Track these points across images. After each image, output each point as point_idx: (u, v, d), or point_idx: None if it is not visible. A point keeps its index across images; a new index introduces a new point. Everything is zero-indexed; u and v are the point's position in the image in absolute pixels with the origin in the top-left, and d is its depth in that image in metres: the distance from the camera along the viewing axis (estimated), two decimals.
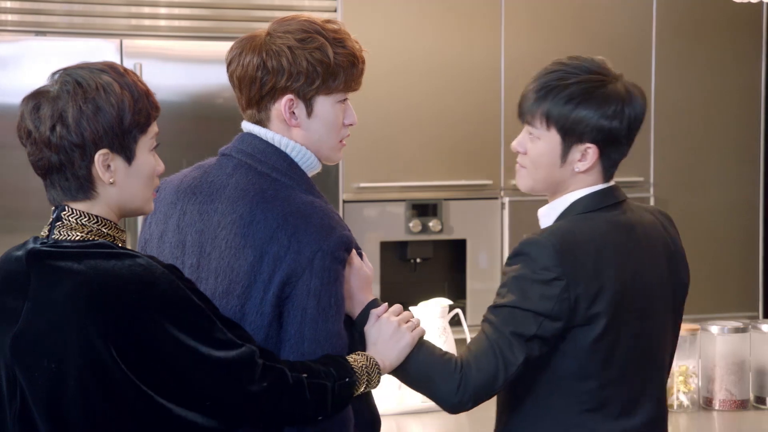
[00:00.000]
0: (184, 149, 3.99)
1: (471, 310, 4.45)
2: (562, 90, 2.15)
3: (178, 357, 1.72)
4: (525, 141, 2.21)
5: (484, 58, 4.46)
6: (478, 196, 4.49)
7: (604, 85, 2.16)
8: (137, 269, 1.72)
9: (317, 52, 1.96)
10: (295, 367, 1.82)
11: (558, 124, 2.14)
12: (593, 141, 2.12)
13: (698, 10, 4.69)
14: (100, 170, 1.77)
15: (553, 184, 2.18)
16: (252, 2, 4.26)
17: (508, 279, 2.12)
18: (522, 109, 2.22)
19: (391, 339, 1.99)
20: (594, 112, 2.12)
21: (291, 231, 1.89)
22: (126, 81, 1.79)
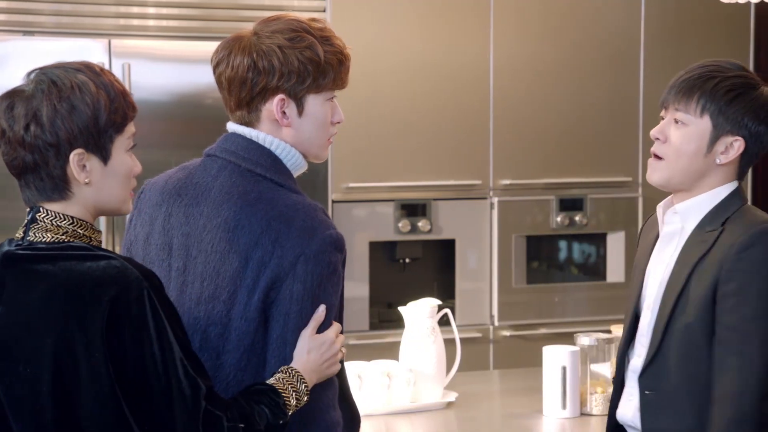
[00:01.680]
0: (172, 149, 3.98)
1: (460, 310, 4.45)
2: (723, 81, 2.19)
3: (141, 362, 1.70)
4: (667, 128, 2.24)
5: (473, 58, 4.46)
6: (467, 196, 4.49)
7: (758, 85, 2.22)
8: (111, 271, 1.70)
9: (307, 50, 1.96)
10: (233, 415, 1.77)
11: (713, 112, 2.18)
12: (742, 135, 2.18)
13: (686, 10, 4.70)
14: (75, 170, 1.75)
15: (692, 176, 2.22)
16: (241, 2, 4.25)
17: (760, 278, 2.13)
18: (670, 96, 2.24)
19: (323, 363, 1.91)
20: (750, 108, 2.18)
21: (274, 236, 1.88)
22: (102, 80, 1.77)
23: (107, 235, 3.93)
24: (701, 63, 2.25)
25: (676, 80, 2.24)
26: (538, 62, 4.54)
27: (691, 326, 2.18)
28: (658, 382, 2.22)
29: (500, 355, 4.51)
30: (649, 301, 2.28)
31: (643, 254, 2.34)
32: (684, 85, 2.21)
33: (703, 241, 2.21)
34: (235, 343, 1.90)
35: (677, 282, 2.21)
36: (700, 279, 2.18)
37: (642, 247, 2.37)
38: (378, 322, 4.36)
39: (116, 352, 1.69)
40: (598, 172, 4.63)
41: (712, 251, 2.18)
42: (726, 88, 2.18)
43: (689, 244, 2.23)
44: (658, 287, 2.26)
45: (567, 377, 3.00)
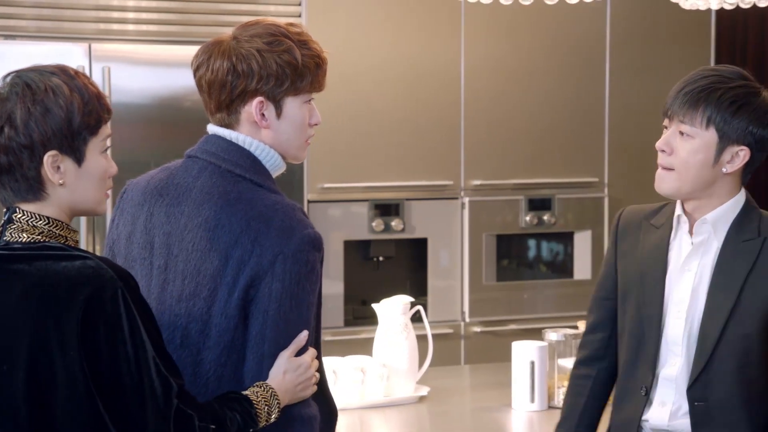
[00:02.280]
0: (151, 151, 3.97)
1: (432, 307, 4.45)
2: (727, 92, 2.16)
3: (115, 360, 1.69)
4: (672, 140, 2.21)
5: (444, 62, 4.47)
6: (439, 196, 4.49)
7: (759, 92, 2.19)
8: (86, 271, 1.69)
9: (286, 54, 1.95)
10: (205, 416, 1.76)
11: (718, 125, 2.16)
12: (747, 144, 2.17)
13: (650, 16, 4.72)
14: (49, 171, 1.74)
15: (700, 186, 2.20)
16: (218, 7, 4.24)
17: None
18: (673, 109, 2.21)
19: (297, 386, 1.91)
20: (754, 116, 2.16)
21: (254, 235, 1.88)
22: (76, 83, 1.76)
23: (88, 235, 3.90)
24: (702, 73, 2.21)
25: (678, 91, 2.21)
26: (508, 66, 4.55)
27: (749, 336, 2.17)
28: (709, 392, 2.18)
29: (471, 351, 4.52)
30: (678, 309, 2.22)
31: (650, 259, 2.26)
32: (688, 98, 2.18)
33: (747, 251, 2.19)
34: (215, 339, 1.89)
35: (728, 292, 2.17)
36: (755, 289, 2.17)
37: (643, 250, 2.29)
38: (352, 318, 4.36)
39: (91, 351, 1.68)
40: (565, 173, 4.64)
41: (760, 261, 2.18)
42: (730, 99, 2.16)
43: (728, 253, 2.20)
44: (690, 295, 2.21)
45: (535, 371, 3.01)
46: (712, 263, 2.21)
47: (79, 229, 3.88)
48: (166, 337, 1.92)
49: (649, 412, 2.23)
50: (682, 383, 2.21)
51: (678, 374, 2.21)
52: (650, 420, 2.23)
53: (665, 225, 2.27)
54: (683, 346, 2.21)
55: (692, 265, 2.22)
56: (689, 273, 2.22)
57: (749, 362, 2.18)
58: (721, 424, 2.18)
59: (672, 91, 2.22)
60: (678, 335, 2.21)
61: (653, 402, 2.24)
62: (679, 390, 2.21)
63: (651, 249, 2.27)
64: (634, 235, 2.31)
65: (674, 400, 2.22)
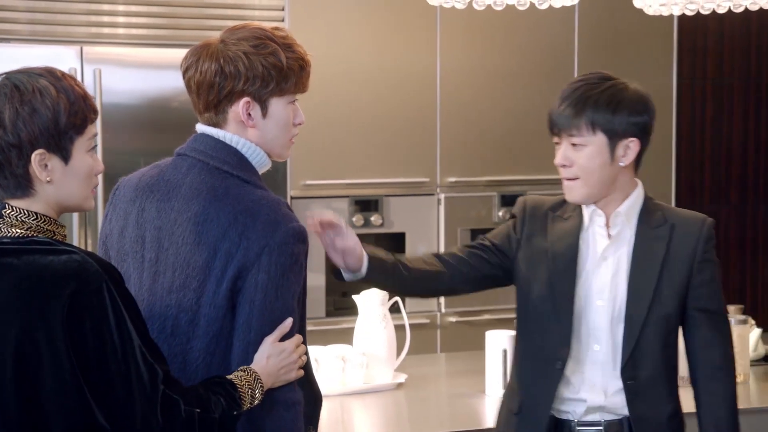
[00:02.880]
0: (141, 150, 3.96)
1: (409, 299, 4.45)
2: (600, 96, 2.24)
3: (101, 350, 1.69)
4: (568, 153, 2.28)
5: (421, 65, 4.48)
6: (416, 192, 4.50)
7: (627, 87, 2.27)
8: (72, 264, 1.69)
9: (271, 56, 1.96)
10: (190, 400, 1.77)
11: (603, 126, 2.23)
12: (633, 135, 2.25)
13: (615, 22, 4.74)
14: (36, 169, 1.74)
15: (607, 184, 2.28)
16: (205, 12, 4.23)
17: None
18: (559, 126, 2.27)
19: (280, 370, 1.91)
20: (631, 109, 2.25)
21: (241, 229, 1.89)
22: (63, 85, 1.76)
23: (79, 230, 3.89)
24: (573, 86, 2.28)
25: (557, 107, 2.27)
26: (481, 70, 4.57)
27: (669, 317, 2.28)
28: (638, 371, 2.27)
29: (447, 340, 4.53)
30: (600, 297, 2.29)
31: (562, 246, 2.31)
32: (568, 112, 2.25)
33: (659, 237, 2.29)
34: (204, 328, 1.90)
35: (647, 277, 2.27)
36: (671, 271, 2.28)
37: (552, 236, 2.33)
38: (334, 309, 4.36)
39: (77, 341, 1.68)
40: (535, 170, 4.66)
41: (673, 245, 2.28)
42: (606, 100, 2.24)
43: (643, 241, 2.29)
44: (610, 283, 2.29)
45: (508, 359, 3.02)
46: (628, 252, 2.29)
47: (71, 225, 3.87)
48: (158, 327, 1.93)
49: (582, 393, 2.30)
50: (608, 365, 2.29)
51: (604, 357, 2.29)
52: (588, 401, 2.30)
53: (573, 217, 2.33)
54: (606, 331, 2.28)
55: (609, 255, 2.30)
56: (607, 263, 2.30)
57: (669, 341, 2.30)
58: (650, 398, 2.28)
59: (552, 109, 2.29)
60: (601, 321, 2.29)
61: (584, 384, 2.30)
62: (606, 371, 2.29)
63: (561, 236, 2.33)
64: (541, 222, 2.37)
65: (603, 381, 2.29)
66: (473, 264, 2.38)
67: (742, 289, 5.31)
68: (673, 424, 2.32)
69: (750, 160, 5.35)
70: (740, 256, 5.31)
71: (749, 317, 3.31)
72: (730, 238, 5.30)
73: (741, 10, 3.28)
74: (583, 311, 2.30)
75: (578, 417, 2.31)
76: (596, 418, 2.30)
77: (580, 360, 2.30)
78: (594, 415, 2.31)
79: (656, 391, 2.30)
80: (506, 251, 2.38)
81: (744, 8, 3.27)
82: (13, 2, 4.00)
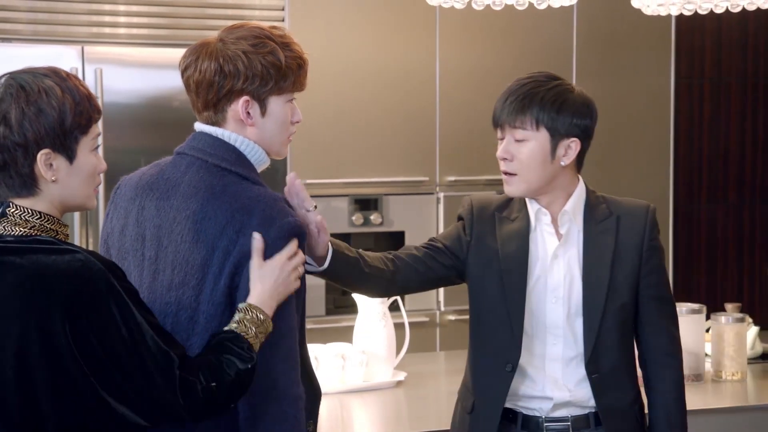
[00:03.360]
0: (141, 149, 3.96)
1: (409, 297, 4.44)
2: (546, 93, 2.27)
3: (111, 346, 1.69)
4: (510, 147, 2.31)
5: (420, 64, 4.47)
6: (416, 191, 4.50)
7: (573, 89, 2.31)
8: (75, 264, 1.70)
9: (270, 55, 1.96)
10: (205, 376, 1.76)
11: (547, 124, 2.26)
12: (575, 135, 2.28)
13: (614, 21, 4.74)
14: (42, 169, 1.74)
15: (546, 181, 2.29)
16: (206, 12, 4.23)
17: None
18: (503, 119, 2.31)
19: (277, 288, 1.88)
20: (576, 109, 2.28)
21: (238, 227, 1.89)
22: (68, 85, 1.76)
23: (81, 229, 3.89)
24: (521, 82, 2.31)
25: (503, 102, 2.31)
26: (481, 68, 4.57)
27: (625, 306, 2.31)
28: (600, 364, 2.29)
29: (446, 338, 4.53)
30: (555, 295, 2.30)
31: (511, 248, 2.31)
32: (514, 106, 2.28)
33: (606, 230, 2.32)
34: (203, 325, 1.90)
35: (601, 270, 2.29)
36: (622, 263, 2.31)
37: (501, 238, 2.34)
38: (333, 308, 4.36)
39: (83, 340, 1.68)
40: None
41: (621, 237, 2.32)
42: (552, 99, 2.27)
43: (591, 236, 2.31)
44: (563, 281, 2.30)
45: None
46: (578, 248, 2.31)
47: (73, 224, 3.87)
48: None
49: (547, 390, 2.32)
50: (569, 360, 2.31)
51: (564, 353, 2.31)
52: (554, 398, 2.31)
53: (520, 218, 2.35)
54: (564, 328, 2.30)
55: (560, 254, 2.31)
56: (558, 261, 2.31)
57: (626, 331, 2.33)
58: (614, 388, 2.31)
59: (497, 103, 2.33)
60: (558, 318, 2.30)
61: (546, 381, 2.31)
62: (567, 366, 2.31)
63: (511, 238, 2.33)
64: (489, 223, 2.38)
65: (564, 376, 2.31)
66: (429, 265, 2.38)
67: (740, 288, 5.31)
68: (635, 409, 2.36)
69: (747, 159, 5.35)
70: (737, 254, 5.31)
71: (746, 315, 3.31)
72: (727, 236, 5.29)
73: (738, 10, 3.28)
74: (538, 311, 2.31)
75: (546, 413, 2.32)
76: (564, 414, 2.32)
77: (541, 358, 2.32)
78: (561, 411, 2.33)
79: (620, 381, 2.33)
80: (457, 253, 2.38)
81: (741, 8, 3.26)
82: (14, 2, 4.00)
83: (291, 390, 1.92)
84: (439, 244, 2.40)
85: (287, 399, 1.90)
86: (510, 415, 2.34)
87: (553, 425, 2.32)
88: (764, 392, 3.24)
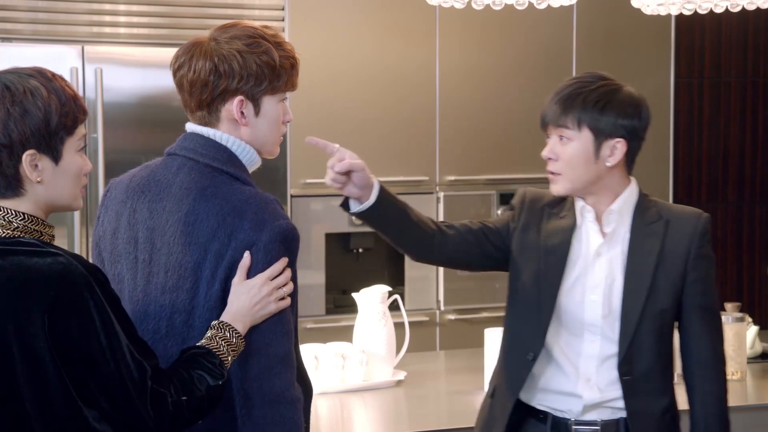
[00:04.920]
0: (142, 149, 3.95)
1: (409, 296, 4.45)
2: (589, 94, 2.26)
3: (87, 351, 1.68)
4: (555, 147, 2.30)
5: (420, 65, 4.47)
6: (416, 190, 4.49)
7: (620, 89, 2.29)
8: (57, 267, 1.68)
9: (264, 55, 1.95)
10: (176, 389, 1.75)
11: (590, 124, 2.25)
12: (621, 136, 2.26)
13: (614, 21, 4.73)
14: (27, 170, 1.73)
15: (590, 181, 2.29)
16: (205, 12, 4.22)
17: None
18: (548, 120, 2.30)
19: (253, 307, 1.85)
20: (620, 110, 2.26)
21: (230, 230, 1.87)
22: (53, 86, 1.74)
23: (81, 228, 3.88)
24: (566, 83, 2.31)
25: (549, 103, 2.30)
26: (480, 68, 4.56)
27: (665, 312, 2.29)
28: (633, 367, 2.28)
29: (446, 337, 4.53)
30: (595, 293, 2.29)
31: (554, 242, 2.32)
32: (558, 106, 2.27)
33: (654, 234, 2.30)
34: (198, 329, 1.88)
35: (643, 272, 2.28)
36: (667, 268, 2.29)
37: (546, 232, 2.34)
38: (333, 307, 4.35)
39: (62, 342, 1.66)
40: (534, 168, 4.64)
41: (668, 242, 2.29)
42: (594, 100, 2.25)
43: (638, 238, 2.29)
44: (605, 280, 2.29)
45: None
46: (623, 249, 2.30)
47: (73, 224, 3.86)
48: (152, 328, 1.92)
49: (579, 388, 2.30)
50: (602, 359, 2.29)
51: (599, 351, 2.29)
52: (584, 397, 2.30)
53: (568, 216, 2.34)
54: (602, 326, 2.29)
55: (603, 252, 2.30)
56: (601, 259, 2.30)
57: (663, 336, 2.30)
58: (645, 393, 2.29)
59: (545, 105, 2.31)
60: (596, 316, 2.29)
61: (579, 378, 2.30)
62: (600, 365, 2.29)
63: (555, 233, 2.33)
64: (537, 216, 2.37)
65: (597, 375, 2.29)
66: (480, 240, 2.38)
67: (739, 287, 5.30)
68: (667, 419, 2.32)
69: (747, 158, 5.34)
70: (737, 253, 5.30)
71: (746, 315, 3.30)
72: (727, 235, 5.29)
73: (738, 9, 3.27)
74: (576, 307, 2.30)
75: (575, 416, 2.30)
76: (593, 418, 2.30)
77: (576, 354, 2.31)
78: (591, 414, 2.30)
79: (651, 386, 2.30)
80: (505, 239, 2.38)
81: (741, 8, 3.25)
82: (14, 2, 3.99)
83: (289, 393, 1.90)
84: (491, 224, 2.41)
85: (285, 402, 1.89)
86: (540, 416, 2.33)
87: (581, 428, 2.30)
88: (764, 392, 3.23)
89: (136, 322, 1.91)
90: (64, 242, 3.80)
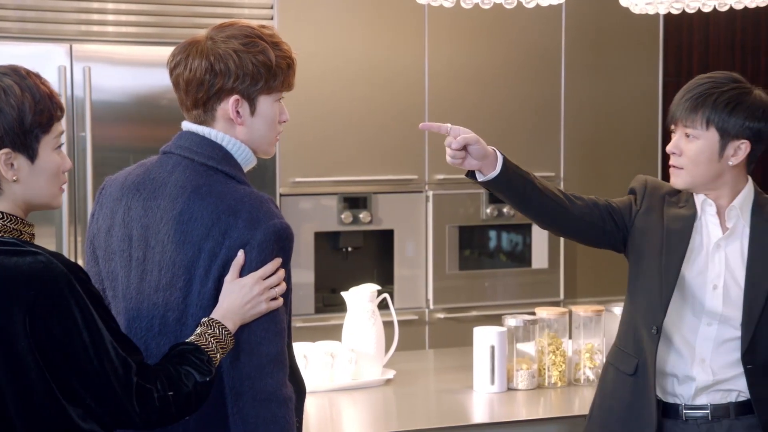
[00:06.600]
0: (130, 147, 3.94)
1: (398, 295, 4.45)
2: (720, 95, 2.34)
3: (70, 350, 1.68)
4: (680, 143, 2.39)
5: (409, 63, 4.47)
6: (405, 189, 4.49)
7: (751, 92, 2.37)
8: (37, 266, 1.68)
9: (261, 55, 1.95)
10: (162, 384, 1.75)
11: (717, 124, 2.33)
12: (746, 138, 2.34)
13: (602, 20, 4.74)
14: (2, 169, 1.73)
15: (711, 178, 2.38)
16: (194, 10, 4.21)
17: None
18: (678, 115, 2.38)
19: (243, 306, 1.86)
20: (749, 113, 2.34)
21: (224, 228, 1.87)
22: (27, 83, 1.74)
23: (69, 227, 3.87)
24: (698, 81, 2.38)
25: (680, 99, 2.38)
26: (469, 68, 4.56)
27: None
28: (755, 356, 2.37)
29: (435, 336, 4.53)
30: (715, 282, 2.38)
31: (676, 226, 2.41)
32: (688, 105, 2.35)
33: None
34: (191, 327, 1.89)
35: (764, 265, 2.37)
36: None
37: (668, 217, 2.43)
38: (323, 306, 4.35)
39: (44, 342, 1.66)
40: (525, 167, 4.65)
41: None
42: (725, 102, 2.33)
43: (759, 232, 2.40)
44: (725, 270, 2.39)
45: (495, 355, 3.02)
46: (742, 242, 2.40)
47: (61, 222, 3.84)
48: (145, 325, 1.92)
49: (694, 370, 2.39)
50: (721, 342, 2.38)
51: (716, 334, 2.38)
52: (698, 379, 2.38)
53: (688, 206, 2.44)
54: (721, 315, 2.38)
55: (722, 245, 2.40)
56: (720, 251, 2.40)
57: None
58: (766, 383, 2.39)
59: (674, 100, 2.40)
60: (716, 306, 2.39)
61: (694, 359, 2.38)
62: (718, 348, 2.38)
63: (677, 219, 2.43)
64: (658, 202, 2.47)
65: (712, 358, 2.38)
66: (604, 215, 2.47)
67: None
68: None
69: None
70: None
71: None
72: None
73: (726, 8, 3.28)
74: (695, 297, 2.39)
75: (686, 400, 2.39)
76: (704, 402, 2.39)
77: (693, 335, 2.39)
78: (701, 398, 2.39)
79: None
80: (626, 220, 2.48)
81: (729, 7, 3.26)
82: (2, 0, 3.97)
83: (281, 392, 1.91)
84: (615, 205, 2.50)
85: (277, 401, 1.89)
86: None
87: (692, 413, 2.39)
88: None
89: (129, 320, 1.91)
90: (52, 241, 3.78)
